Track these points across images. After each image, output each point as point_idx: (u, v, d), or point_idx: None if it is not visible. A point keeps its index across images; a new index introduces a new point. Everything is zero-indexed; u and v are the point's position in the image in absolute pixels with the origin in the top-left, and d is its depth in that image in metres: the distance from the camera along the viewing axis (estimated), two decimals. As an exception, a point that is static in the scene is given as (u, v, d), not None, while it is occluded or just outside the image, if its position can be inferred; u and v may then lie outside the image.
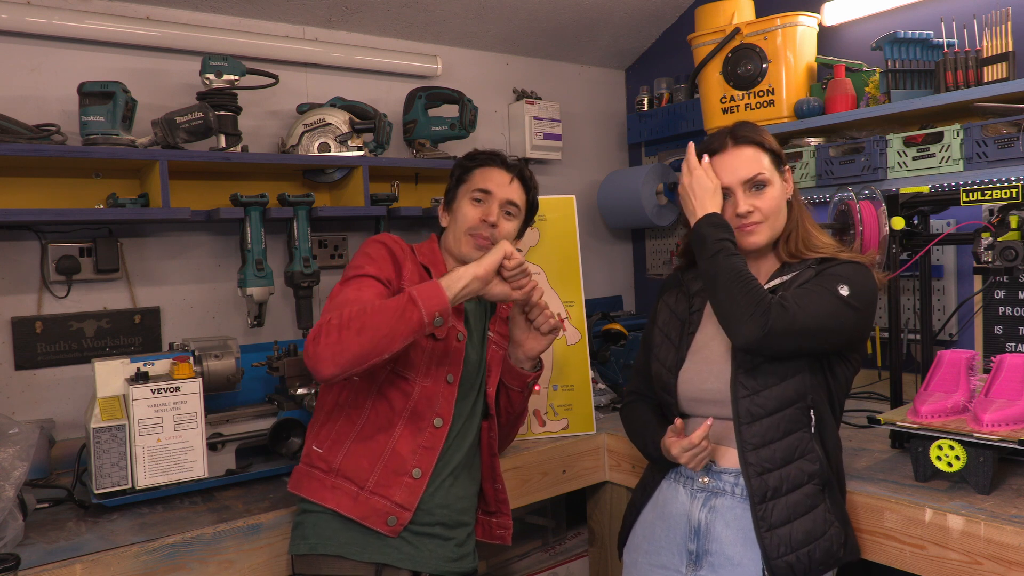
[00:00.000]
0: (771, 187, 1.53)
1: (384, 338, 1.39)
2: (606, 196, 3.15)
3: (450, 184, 1.79)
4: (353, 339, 1.38)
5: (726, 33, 2.51)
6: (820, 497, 1.44)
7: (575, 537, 2.68)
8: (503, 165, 1.74)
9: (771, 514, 1.41)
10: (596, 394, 2.36)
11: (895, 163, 2.23)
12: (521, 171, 1.75)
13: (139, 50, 2.24)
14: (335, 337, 1.39)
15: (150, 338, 2.25)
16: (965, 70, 2.11)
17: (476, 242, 1.68)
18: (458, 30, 2.80)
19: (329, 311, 1.47)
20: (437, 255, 1.72)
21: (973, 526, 1.42)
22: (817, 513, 1.43)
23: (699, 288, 1.63)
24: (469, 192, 1.72)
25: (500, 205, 1.70)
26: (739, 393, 1.45)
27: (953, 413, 1.64)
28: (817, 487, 1.45)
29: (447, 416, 1.60)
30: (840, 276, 1.46)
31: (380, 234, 1.71)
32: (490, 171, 1.73)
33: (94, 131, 1.96)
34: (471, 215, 1.69)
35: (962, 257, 2.34)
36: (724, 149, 1.54)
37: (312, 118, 2.34)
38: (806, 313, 1.39)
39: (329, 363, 1.39)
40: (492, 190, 1.70)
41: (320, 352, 1.39)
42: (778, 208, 1.54)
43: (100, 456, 1.66)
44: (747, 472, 1.44)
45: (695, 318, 1.60)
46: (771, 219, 1.53)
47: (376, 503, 1.52)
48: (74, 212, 1.96)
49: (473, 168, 1.75)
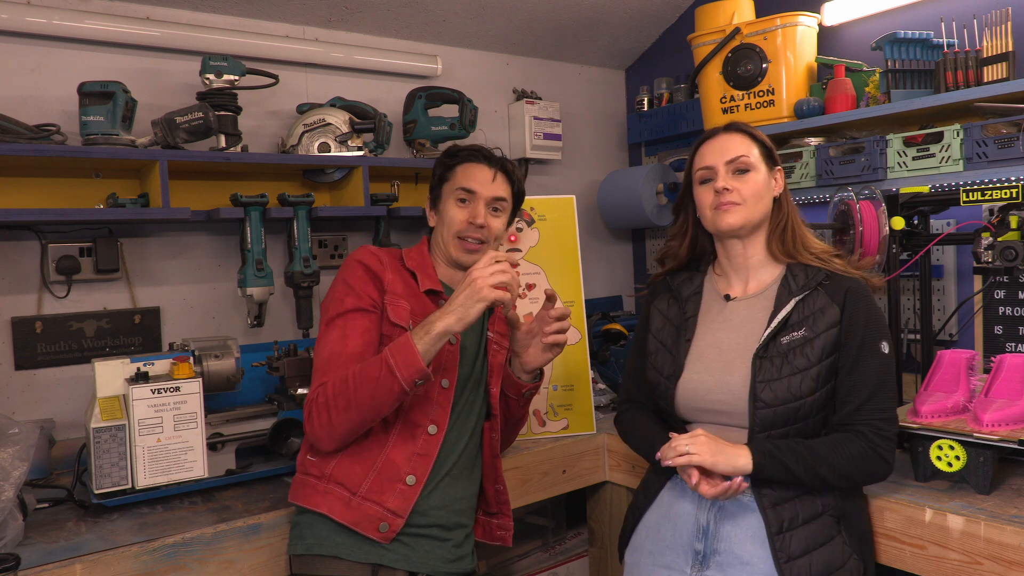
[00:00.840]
0: (754, 173, 1.53)
1: (370, 411, 1.47)
2: (606, 196, 3.15)
3: (433, 182, 1.76)
4: (342, 417, 1.47)
5: (726, 33, 2.51)
6: (836, 529, 1.44)
7: (575, 537, 2.68)
8: (485, 160, 1.71)
9: (789, 545, 1.40)
10: (596, 394, 2.36)
11: (895, 163, 2.23)
12: (504, 164, 1.72)
13: (139, 50, 2.24)
14: (325, 418, 1.48)
15: (150, 338, 2.25)
16: (965, 70, 2.11)
17: (465, 246, 1.67)
18: (458, 30, 2.80)
19: (316, 377, 1.53)
20: (426, 259, 1.71)
21: (973, 526, 1.42)
22: (835, 545, 1.43)
23: (691, 292, 1.62)
24: (453, 192, 1.69)
25: (486, 203, 1.68)
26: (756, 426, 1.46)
27: (953, 413, 1.64)
28: (832, 518, 1.45)
29: (442, 422, 1.59)
30: (876, 334, 1.46)
31: (357, 250, 1.68)
32: (472, 168, 1.70)
33: (94, 131, 1.96)
34: (458, 217, 1.67)
35: (962, 257, 2.34)
36: (715, 135, 1.57)
37: (312, 118, 2.34)
38: (890, 407, 1.46)
39: (327, 441, 1.51)
40: (476, 189, 1.67)
41: (317, 432, 1.51)
42: (757, 195, 1.52)
43: (100, 456, 1.66)
44: (761, 504, 1.44)
45: (690, 324, 1.59)
46: (749, 204, 1.52)
47: (368, 509, 1.52)
48: (74, 212, 1.96)
49: (454, 165, 1.72)
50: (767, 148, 1.56)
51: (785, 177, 1.61)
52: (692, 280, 1.65)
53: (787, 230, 1.56)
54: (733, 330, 1.53)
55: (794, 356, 1.45)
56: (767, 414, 1.44)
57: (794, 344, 1.46)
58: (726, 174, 1.53)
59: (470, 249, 1.67)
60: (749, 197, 1.52)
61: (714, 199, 1.53)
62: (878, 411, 1.44)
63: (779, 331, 1.48)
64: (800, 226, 1.57)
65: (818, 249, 1.55)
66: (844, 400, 1.45)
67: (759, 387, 1.45)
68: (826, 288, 1.49)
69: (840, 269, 1.51)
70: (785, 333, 1.47)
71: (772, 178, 1.56)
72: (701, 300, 1.61)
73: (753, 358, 1.47)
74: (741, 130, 1.57)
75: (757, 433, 1.45)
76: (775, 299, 1.51)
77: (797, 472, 1.40)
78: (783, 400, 1.43)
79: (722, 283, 1.62)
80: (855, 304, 1.47)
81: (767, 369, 1.45)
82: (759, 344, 1.47)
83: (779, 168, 1.58)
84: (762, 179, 1.53)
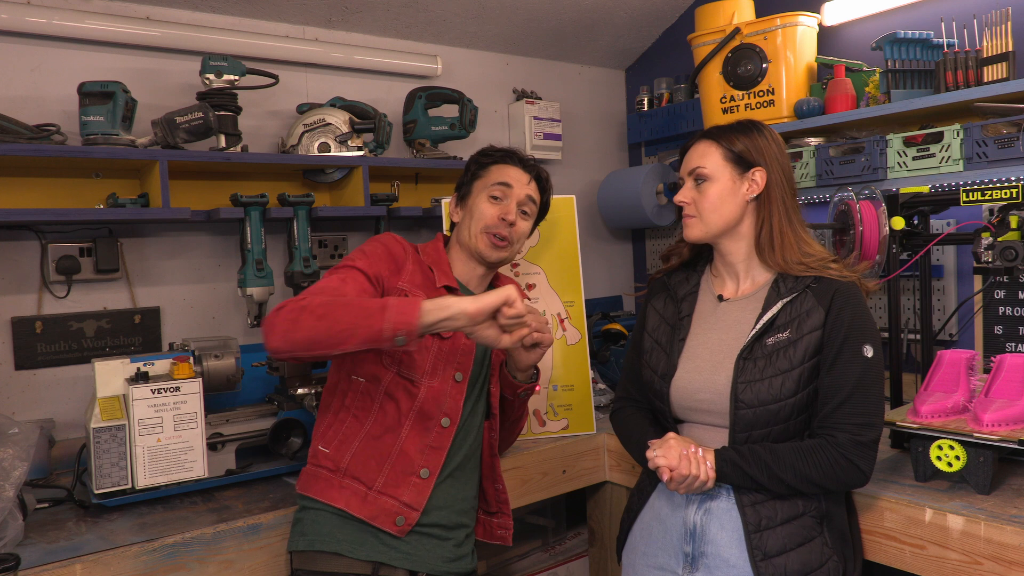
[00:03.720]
0: (712, 183, 1.53)
1: (340, 333, 1.35)
2: (606, 196, 3.15)
3: (464, 179, 1.77)
4: (310, 322, 1.36)
5: (726, 33, 2.51)
6: (817, 529, 1.44)
7: (575, 537, 2.68)
8: (521, 164, 1.74)
9: (765, 543, 1.41)
10: (596, 394, 2.36)
11: (895, 163, 2.23)
12: (538, 172, 1.76)
13: (139, 50, 2.24)
14: (295, 316, 1.37)
15: (150, 338, 2.25)
16: (965, 70, 2.11)
17: (492, 241, 1.67)
18: (458, 30, 2.80)
19: (306, 291, 1.46)
20: (441, 255, 1.71)
21: (973, 526, 1.42)
22: (814, 545, 1.43)
23: (687, 292, 1.62)
24: (487, 188, 1.70)
25: (519, 203, 1.70)
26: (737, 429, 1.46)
27: (953, 413, 1.64)
28: (814, 519, 1.45)
29: (455, 416, 1.60)
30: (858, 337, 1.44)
31: (383, 233, 1.70)
32: (508, 168, 1.73)
33: (94, 131, 1.96)
34: (488, 212, 1.68)
35: (962, 257, 2.34)
36: (691, 143, 1.60)
37: (312, 118, 2.34)
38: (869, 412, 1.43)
39: (279, 337, 1.38)
40: (512, 184, 1.70)
41: (276, 324, 1.38)
42: (712, 207, 1.53)
43: (100, 456, 1.66)
44: (740, 501, 1.44)
45: (685, 323, 1.59)
46: (704, 215, 1.54)
47: (385, 503, 1.52)
48: (74, 212, 1.96)
49: (490, 164, 1.74)
50: (735, 153, 1.53)
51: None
52: (689, 280, 1.65)
53: (772, 236, 1.51)
54: (724, 330, 1.54)
55: (777, 358, 1.45)
56: (747, 414, 1.44)
57: (779, 346, 1.46)
58: (688, 186, 1.57)
59: (497, 245, 1.68)
60: (704, 209, 1.54)
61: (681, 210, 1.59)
62: (855, 415, 1.42)
63: (765, 332, 1.47)
64: (787, 233, 1.51)
65: (812, 257, 1.50)
66: (822, 401, 1.45)
67: (740, 387, 1.45)
68: (814, 291, 1.48)
69: (835, 275, 1.49)
70: (771, 334, 1.47)
71: (745, 181, 1.53)
72: (697, 300, 1.62)
73: (737, 359, 1.47)
74: (708, 136, 1.57)
75: (738, 434, 1.45)
76: (764, 300, 1.51)
77: (760, 480, 1.41)
78: (763, 401, 1.43)
79: (717, 283, 1.62)
80: (840, 306, 1.45)
81: (750, 370, 1.45)
82: (743, 345, 1.48)
83: (757, 169, 1.53)
84: (720, 189, 1.52)
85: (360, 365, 1.60)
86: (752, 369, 1.45)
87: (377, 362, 1.59)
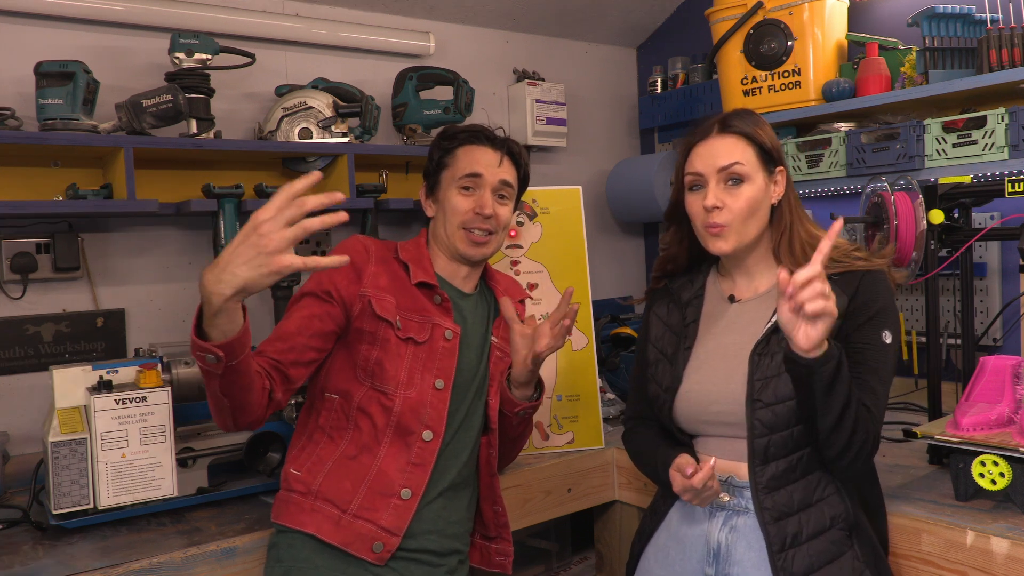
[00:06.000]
0: (749, 185, 1.48)
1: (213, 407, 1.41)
2: (615, 186, 3.15)
3: (429, 167, 1.74)
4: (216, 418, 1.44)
5: (747, 8, 2.51)
6: (847, 543, 1.44)
7: (581, 562, 2.68)
8: (489, 143, 1.70)
9: (791, 564, 1.40)
10: (605, 405, 2.36)
11: (933, 150, 2.23)
12: (509, 146, 1.72)
13: (102, 26, 2.24)
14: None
15: (114, 343, 2.25)
16: (1011, 48, 2.11)
17: (471, 238, 1.67)
18: (453, 4, 2.80)
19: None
20: (423, 251, 1.71)
21: (1019, 550, 1.42)
22: (844, 561, 1.42)
23: (691, 296, 1.62)
24: (456, 180, 1.68)
25: (493, 190, 1.68)
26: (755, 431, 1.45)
27: (997, 426, 1.64)
28: (843, 532, 1.44)
29: (438, 428, 1.59)
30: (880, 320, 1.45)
31: (350, 237, 1.69)
32: (475, 151, 1.69)
33: (52, 115, 1.96)
34: (462, 206, 1.67)
35: (1007, 254, 2.34)
36: (707, 137, 1.52)
37: (292, 101, 2.34)
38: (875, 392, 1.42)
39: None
40: (482, 172, 1.67)
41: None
42: (751, 212, 1.49)
43: (59, 473, 1.66)
44: (762, 518, 1.43)
45: (691, 330, 1.58)
46: (739, 224, 1.48)
47: (360, 527, 1.52)
48: (30, 204, 1.96)
49: (454, 149, 1.70)
50: (768, 151, 1.51)
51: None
52: (693, 283, 1.63)
53: (794, 241, 1.51)
54: (738, 333, 1.53)
55: None
56: (766, 415, 1.43)
57: None
58: (716, 185, 1.49)
59: (477, 241, 1.67)
60: (740, 216, 1.48)
61: (704, 217, 1.50)
62: (865, 391, 1.41)
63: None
64: (808, 231, 1.52)
65: (837, 252, 1.50)
66: None
67: (756, 385, 1.44)
68: (836, 282, 1.47)
69: (862, 266, 1.49)
70: None
71: (772, 182, 1.52)
72: (703, 303, 1.61)
73: (751, 354, 1.46)
74: (735, 130, 1.51)
75: (756, 439, 1.44)
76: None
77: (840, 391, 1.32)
78: (783, 397, 1.42)
79: (726, 284, 1.61)
80: (868, 288, 1.46)
81: (766, 365, 1.44)
82: (759, 339, 1.47)
83: (780, 169, 1.53)
84: (758, 192, 1.49)
85: (332, 379, 1.61)
86: (769, 364, 1.45)
87: (350, 376, 1.59)
